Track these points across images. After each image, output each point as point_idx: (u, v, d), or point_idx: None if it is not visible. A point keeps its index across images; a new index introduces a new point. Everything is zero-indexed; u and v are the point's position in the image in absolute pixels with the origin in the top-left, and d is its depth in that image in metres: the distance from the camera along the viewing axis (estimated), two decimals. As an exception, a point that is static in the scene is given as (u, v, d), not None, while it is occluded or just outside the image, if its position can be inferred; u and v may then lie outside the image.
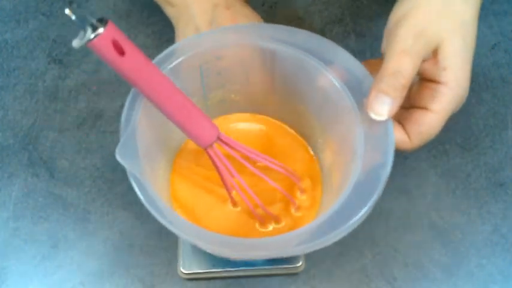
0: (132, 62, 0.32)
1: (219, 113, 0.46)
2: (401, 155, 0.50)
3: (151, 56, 0.35)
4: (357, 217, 0.32)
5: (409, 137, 0.37)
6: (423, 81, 0.36)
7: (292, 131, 0.45)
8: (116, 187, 0.49)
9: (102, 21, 0.30)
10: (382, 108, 0.33)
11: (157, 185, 0.39)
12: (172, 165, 0.44)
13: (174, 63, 0.38)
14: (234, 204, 0.42)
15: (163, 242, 0.47)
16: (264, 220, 0.41)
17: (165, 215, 0.32)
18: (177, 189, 0.43)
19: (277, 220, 0.41)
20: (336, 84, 0.37)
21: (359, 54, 0.49)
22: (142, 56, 0.33)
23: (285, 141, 0.45)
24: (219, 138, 0.38)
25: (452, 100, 0.35)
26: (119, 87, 0.54)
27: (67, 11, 0.28)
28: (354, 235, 0.47)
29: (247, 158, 0.39)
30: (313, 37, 0.38)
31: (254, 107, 0.45)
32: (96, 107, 0.53)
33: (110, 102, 0.53)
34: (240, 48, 0.34)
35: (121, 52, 0.31)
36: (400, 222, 0.47)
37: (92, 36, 0.30)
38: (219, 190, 0.42)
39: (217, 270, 0.45)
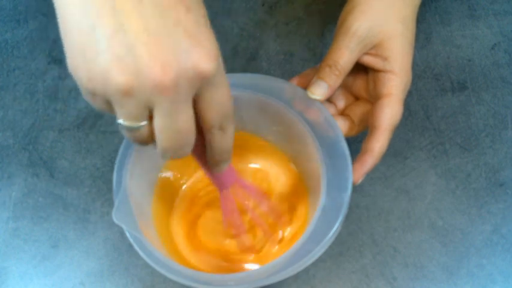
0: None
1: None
2: (401, 155, 0.50)
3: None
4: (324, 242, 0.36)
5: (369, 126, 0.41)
6: (372, 72, 0.42)
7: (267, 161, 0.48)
8: (116, 187, 0.49)
9: None
10: (319, 90, 0.40)
11: (151, 233, 0.42)
12: (161, 208, 0.46)
13: None
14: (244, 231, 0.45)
15: (163, 242, 0.47)
16: (268, 234, 0.45)
17: (163, 263, 0.36)
18: (176, 230, 0.46)
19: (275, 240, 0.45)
20: (296, 119, 0.41)
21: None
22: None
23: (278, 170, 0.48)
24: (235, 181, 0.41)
25: (399, 84, 0.40)
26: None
27: None
28: (354, 235, 0.48)
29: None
30: (268, 79, 0.42)
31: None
32: (96, 107, 0.53)
33: (110, 102, 0.53)
34: None
35: None
36: (400, 222, 0.47)
37: None
38: (212, 224, 0.46)
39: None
